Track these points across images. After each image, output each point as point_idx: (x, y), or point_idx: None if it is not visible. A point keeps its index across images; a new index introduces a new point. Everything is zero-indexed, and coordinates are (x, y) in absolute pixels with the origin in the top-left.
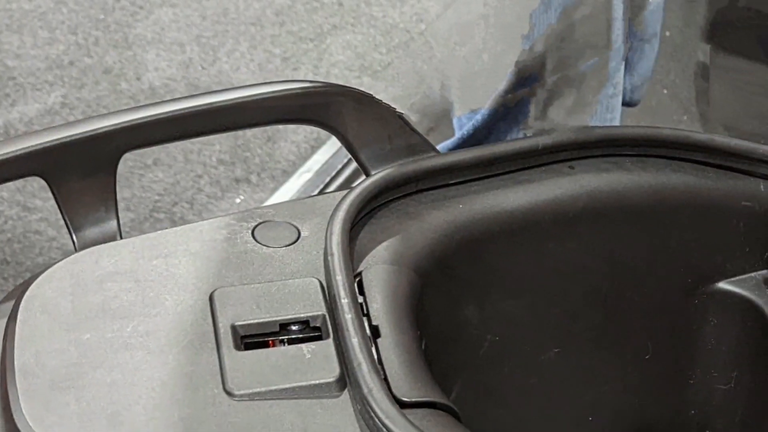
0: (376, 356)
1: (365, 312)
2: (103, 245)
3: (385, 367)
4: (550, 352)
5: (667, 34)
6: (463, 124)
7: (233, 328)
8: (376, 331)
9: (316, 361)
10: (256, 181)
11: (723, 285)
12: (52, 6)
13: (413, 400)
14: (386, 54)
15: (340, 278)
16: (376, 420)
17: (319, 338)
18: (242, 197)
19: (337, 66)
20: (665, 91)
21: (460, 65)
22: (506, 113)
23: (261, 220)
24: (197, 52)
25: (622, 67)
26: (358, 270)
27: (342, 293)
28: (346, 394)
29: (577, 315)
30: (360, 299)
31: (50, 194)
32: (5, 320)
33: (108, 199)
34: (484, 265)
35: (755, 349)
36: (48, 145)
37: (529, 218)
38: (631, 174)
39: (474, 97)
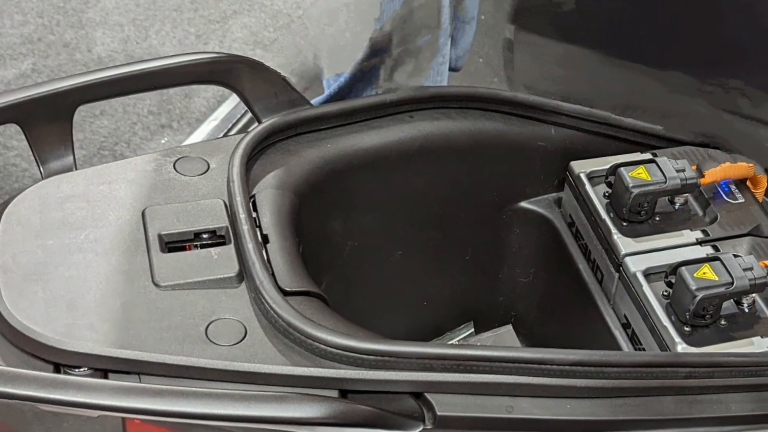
0: (265, 257)
1: (257, 224)
2: (62, 175)
3: (272, 265)
4: (395, 254)
5: (483, 17)
6: (330, 85)
7: (159, 236)
8: (265, 239)
9: (221, 261)
10: (176, 127)
11: (524, 204)
12: None
13: (293, 289)
14: (273, 32)
15: (239, 199)
16: (266, 304)
17: (223, 244)
18: (166, 139)
19: (237, 41)
20: (481, 60)
21: (328, 41)
22: (363, 76)
23: (180, 156)
24: (133, 31)
25: (449, 42)
26: (252, 193)
27: (240, 210)
28: (243, 286)
29: (415, 227)
30: (254, 215)
31: (23, 137)
32: None
33: (66, 140)
34: (346, 189)
35: (548, 252)
36: (22, 99)
37: (379, 154)
38: (456, 121)
39: (339, 65)
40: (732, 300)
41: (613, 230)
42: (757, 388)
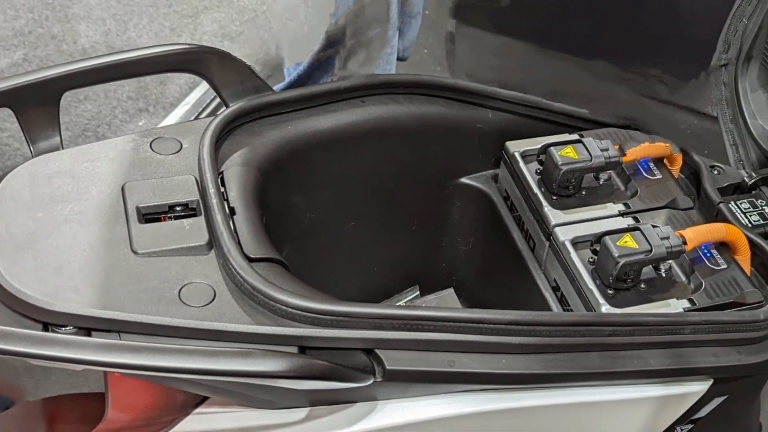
0: (232, 227)
1: (225, 198)
2: (50, 153)
3: (239, 234)
4: (349, 225)
5: (427, 12)
6: (290, 73)
7: (137, 208)
8: (232, 211)
9: (193, 230)
10: (152, 111)
11: (464, 180)
12: None
13: (257, 256)
14: (240, 26)
15: (208, 175)
16: (233, 270)
17: (194, 215)
18: (143, 121)
19: (207, 34)
20: (425, 51)
21: (289, 33)
22: (320, 65)
23: (156, 137)
24: (114, 25)
25: (397, 34)
26: (221, 170)
27: (210, 185)
28: (212, 253)
29: (367, 200)
30: (222, 189)
31: (15, 120)
32: None
33: (54, 123)
34: (305, 167)
35: (485, 223)
36: (14, 86)
37: (334, 135)
38: (403, 106)
39: (298, 55)
40: (651, 266)
41: (544, 203)
42: (672, 344)
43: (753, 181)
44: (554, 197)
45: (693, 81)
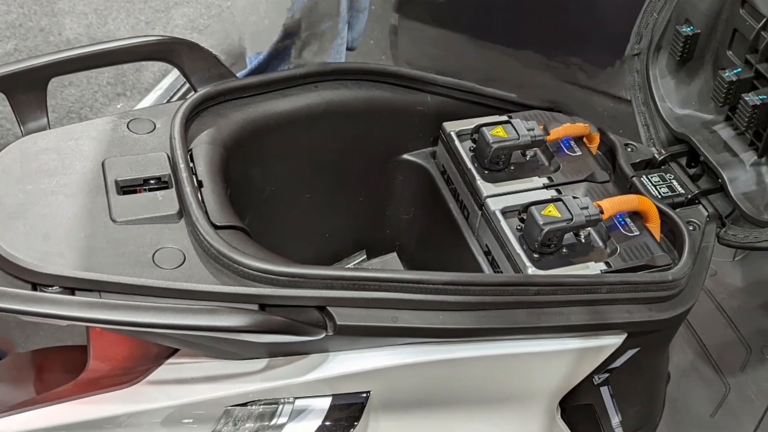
0: (200, 198)
1: (194, 172)
2: (39, 133)
3: (206, 204)
4: (304, 196)
5: (373, 7)
6: (252, 61)
7: (116, 182)
8: (200, 184)
9: (165, 201)
10: (129, 95)
11: (406, 156)
12: None
13: (222, 224)
14: (207, 20)
15: (179, 152)
16: (200, 236)
17: (166, 188)
18: (121, 104)
19: (178, 27)
20: (372, 42)
21: (250, 26)
22: (278, 55)
23: (132, 118)
24: (95, 19)
25: (346, 27)
26: (190, 147)
27: (180, 161)
28: (182, 221)
29: (319, 174)
30: (191, 165)
31: (8, 103)
32: None
33: (42, 105)
34: (265, 144)
35: (425, 194)
36: (6, 73)
37: (291, 117)
38: (352, 90)
39: (259, 45)
40: (571, 233)
41: (477, 177)
42: (590, 303)
43: (662, 157)
44: (486, 171)
45: (609, 68)
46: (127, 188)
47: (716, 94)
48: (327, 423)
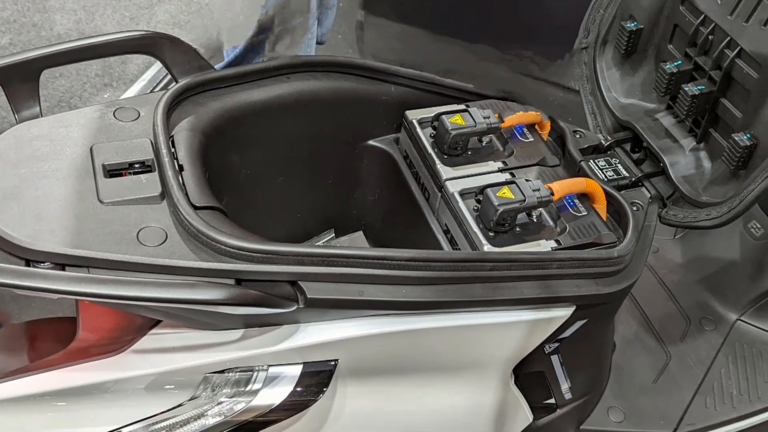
0: (181, 181)
1: (175, 157)
2: (32, 120)
3: (186, 186)
4: (277, 180)
5: (341, 4)
6: (229, 54)
7: (103, 165)
8: (181, 168)
9: (149, 184)
10: (116, 86)
11: (372, 142)
12: None
13: (201, 205)
14: (187, 16)
15: (161, 138)
16: (181, 216)
17: (150, 171)
18: (108, 94)
19: (161, 22)
20: (339, 36)
21: (227, 22)
22: (253, 48)
23: (118, 107)
24: (84, 15)
25: (316, 23)
26: (171, 134)
27: (162, 146)
28: (164, 202)
29: (291, 159)
30: (172, 150)
31: (3, 92)
32: None
33: (34, 95)
34: (241, 132)
35: (389, 177)
36: (2, 65)
37: (265, 106)
38: (321, 81)
39: (235, 39)
40: (524, 213)
41: (437, 161)
42: (542, 277)
43: (608, 143)
44: (445, 156)
45: (559, 61)
46: (113, 172)
47: (658, 85)
48: (298, 389)
